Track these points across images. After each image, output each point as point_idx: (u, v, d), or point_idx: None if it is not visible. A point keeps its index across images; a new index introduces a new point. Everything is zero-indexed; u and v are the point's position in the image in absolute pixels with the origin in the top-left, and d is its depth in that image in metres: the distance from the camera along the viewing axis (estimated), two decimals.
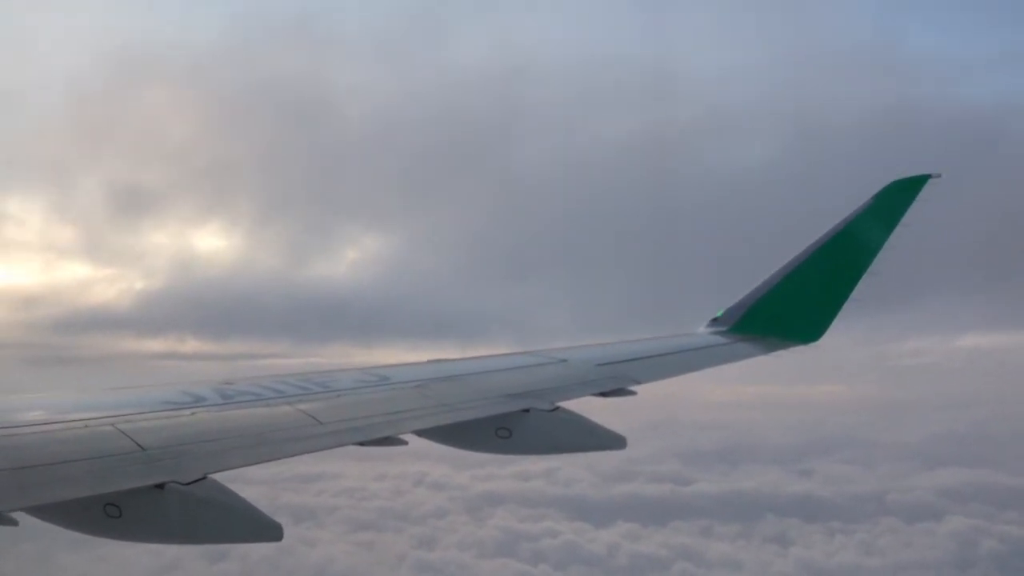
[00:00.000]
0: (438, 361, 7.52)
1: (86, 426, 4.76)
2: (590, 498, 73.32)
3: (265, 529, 4.48)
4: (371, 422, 5.65)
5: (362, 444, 5.40)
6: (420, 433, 5.82)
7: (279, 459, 5.03)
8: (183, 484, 4.34)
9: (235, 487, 4.52)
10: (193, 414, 5.21)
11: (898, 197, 9.44)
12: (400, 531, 65.94)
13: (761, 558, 63.93)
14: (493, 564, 61.07)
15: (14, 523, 4.19)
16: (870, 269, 9.39)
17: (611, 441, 6.34)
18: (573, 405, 6.52)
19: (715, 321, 10.13)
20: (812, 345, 9.63)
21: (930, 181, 9.29)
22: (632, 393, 7.36)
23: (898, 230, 9.27)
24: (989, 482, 73.39)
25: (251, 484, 4.77)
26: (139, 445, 4.61)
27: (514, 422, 6.23)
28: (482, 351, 8.02)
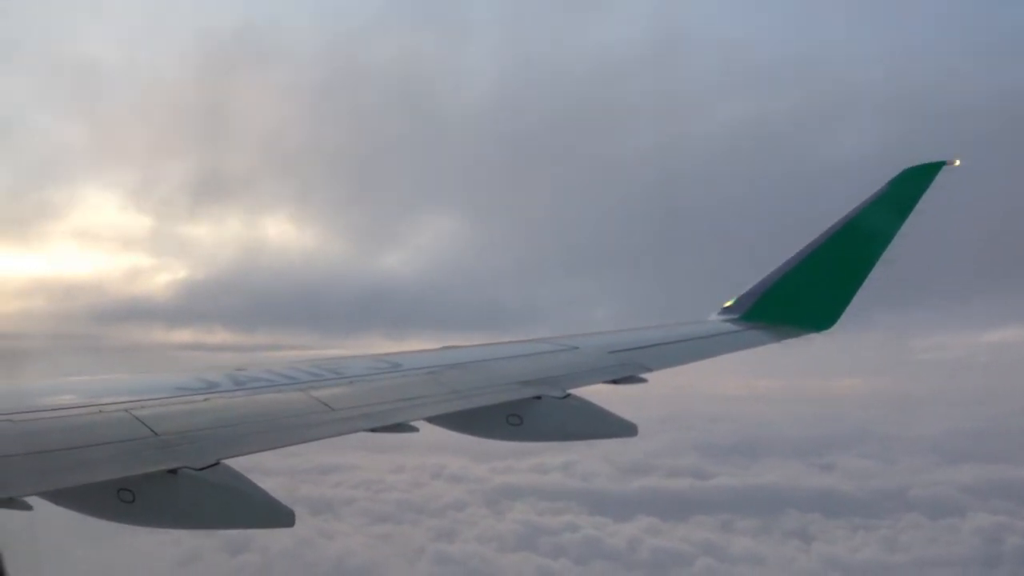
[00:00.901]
0: (450, 348, 7.54)
1: (100, 412, 4.80)
2: (609, 492, 73.23)
3: (278, 515, 4.49)
4: (382, 408, 5.66)
5: (373, 431, 5.42)
6: (431, 420, 5.83)
7: (291, 445, 5.05)
8: (196, 469, 4.37)
9: (251, 478, 4.55)
10: (206, 400, 5.24)
11: (912, 184, 9.35)
12: (419, 524, 66.14)
13: (784, 553, 63.64)
14: (514, 558, 61.14)
15: (28, 508, 4.23)
16: (884, 257, 9.33)
17: (622, 428, 6.32)
18: (584, 392, 6.51)
19: (727, 309, 10.08)
20: (826, 333, 9.56)
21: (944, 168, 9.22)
22: (643, 380, 7.34)
23: (914, 217, 9.19)
24: (1011, 478, 72.62)
25: (268, 475, 4.79)
26: (152, 431, 4.65)
27: (525, 409, 6.23)
28: None
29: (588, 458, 76.77)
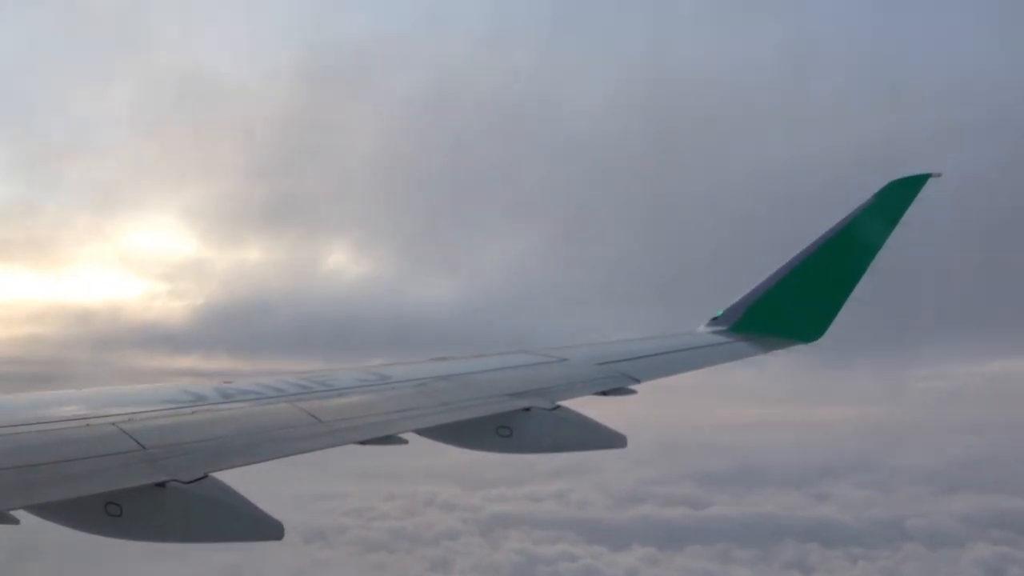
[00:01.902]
0: (439, 359, 7.54)
1: (87, 425, 4.79)
2: (604, 520, 72.61)
3: (266, 528, 4.49)
4: (372, 421, 5.66)
5: (363, 443, 5.41)
6: (421, 432, 5.83)
7: (280, 457, 5.04)
8: (184, 483, 4.36)
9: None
10: (194, 413, 5.23)
11: (898, 196, 9.46)
12: (413, 552, 65.43)
13: None
14: None
15: (15, 522, 4.20)
16: (871, 268, 9.41)
17: (612, 440, 6.34)
18: (574, 404, 6.55)
19: (715, 320, 10.12)
20: (813, 345, 9.59)
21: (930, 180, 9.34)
22: (632, 392, 7.37)
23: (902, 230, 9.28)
24: (1008, 508, 72.17)
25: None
26: (140, 444, 4.64)
27: (515, 421, 6.25)
28: None
29: (582, 486, 76.33)
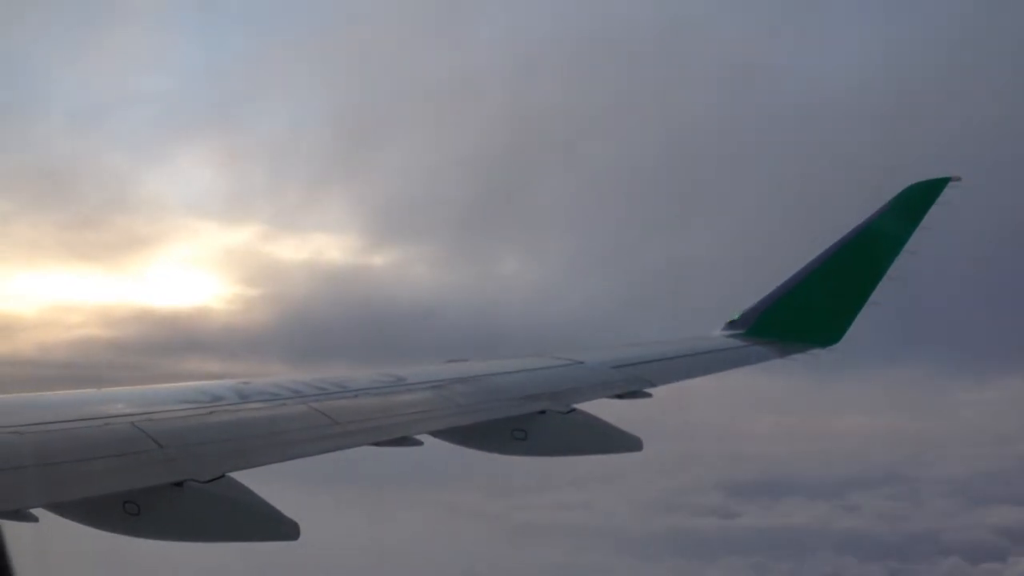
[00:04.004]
0: (454, 362, 7.54)
1: (106, 424, 4.82)
2: (633, 531, 71.89)
3: (283, 528, 4.49)
4: (387, 422, 5.68)
5: (378, 444, 5.43)
6: (436, 434, 5.84)
7: (296, 458, 5.07)
8: (201, 482, 4.39)
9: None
10: (211, 413, 5.26)
11: (918, 200, 9.33)
12: (442, 563, 65.18)
13: None
14: None
15: (34, 520, 4.25)
16: (891, 273, 9.28)
17: (627, 443, 6.32)
18: (589, 407, 6.53)
19: (732, 324, 10.02)
20: (831, 348, 9.46)
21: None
22: (648, 395, 7.34)
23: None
24: None
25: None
26: (158, 443, 4.66)
27: (530, 424, 6.26)
28: None
29: (607, 495, 75.54)
